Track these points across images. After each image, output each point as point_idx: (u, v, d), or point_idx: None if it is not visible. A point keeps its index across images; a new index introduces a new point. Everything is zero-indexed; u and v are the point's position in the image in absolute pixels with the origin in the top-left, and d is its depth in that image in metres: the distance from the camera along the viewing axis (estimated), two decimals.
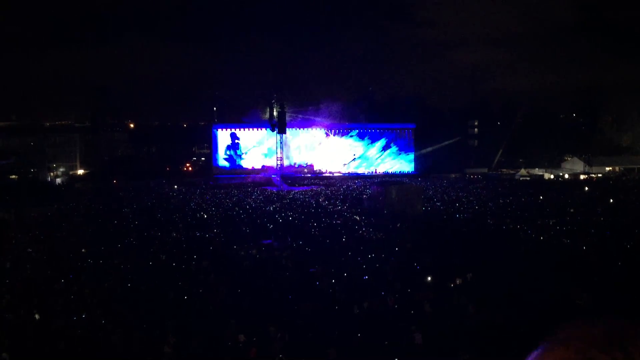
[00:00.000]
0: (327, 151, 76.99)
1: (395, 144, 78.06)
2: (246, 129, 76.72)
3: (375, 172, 74.88)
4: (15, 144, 75.40)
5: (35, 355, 10.56)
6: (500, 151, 79.27)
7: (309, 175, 72.88)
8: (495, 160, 79.31)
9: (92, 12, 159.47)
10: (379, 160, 77.86)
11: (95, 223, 29.07)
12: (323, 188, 52.42)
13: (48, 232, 26.04)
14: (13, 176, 67.64)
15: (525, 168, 71.24)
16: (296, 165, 75.63)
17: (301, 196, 43.14)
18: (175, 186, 55.93)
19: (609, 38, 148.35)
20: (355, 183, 57.88)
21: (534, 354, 0.99)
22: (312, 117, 78.27)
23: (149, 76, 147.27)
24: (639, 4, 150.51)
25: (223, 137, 76.63)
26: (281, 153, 73.40)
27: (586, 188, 46.97)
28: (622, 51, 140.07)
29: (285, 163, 74.30)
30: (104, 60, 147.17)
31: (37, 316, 12.40)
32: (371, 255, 17.95)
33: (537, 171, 71.17)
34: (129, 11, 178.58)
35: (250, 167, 75.35)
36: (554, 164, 75.50)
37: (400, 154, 78.01)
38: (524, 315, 10.96)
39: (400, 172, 74.86)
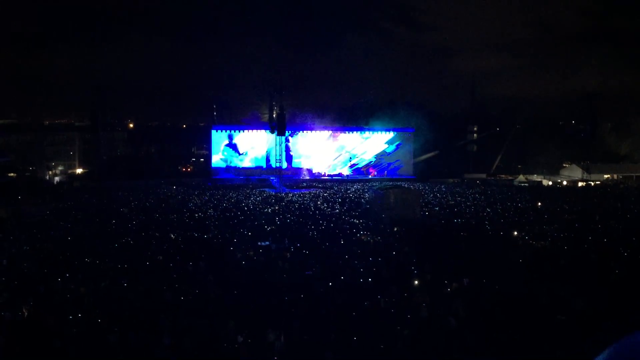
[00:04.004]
0: (326, 154, 77.05)
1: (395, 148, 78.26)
2: (245, 131, 76.64)
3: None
4: (14, 141, 75.30)
5: (31, 354, 10.55)
6: (499, 157, 79.36)
7: (308, 177, 72.94)
8: (494, 166, 79.38)
9: (93, 11, 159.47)
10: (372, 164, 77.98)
11: (92, 222, 29.08)
12: (321, 191, 52.46)
13: (45, 231, 26.00)
14: (11, 174, 67.59)
15: (523, 174, 71.27)
16: (295, 167, 75.62)
17: (299, 199, 43.17)
18: (174, 186, 55.86)
19: (609, 45, 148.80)
20: (354, 186, 57.88)
21: None
22: (311, 120, 78.30)
23: (149, 76, 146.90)
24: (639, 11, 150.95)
25: (221, 138, 76.49)
26: (280, 155, 73.34)
27: (585, 194, 47.02)
28: (623, 59, 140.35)
29: (284, 165, 74.28)
30: (103, 59, 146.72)
31: (33, 314, 12.38)
32: (369, 259, 17.97)
33: (536, 177, 71.21)
34: (130, 10, 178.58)
35: (248, 168, 75.24)
36: (553, 170, 75.58)
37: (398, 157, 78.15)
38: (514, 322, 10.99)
39: (399, 175, 74.89)
